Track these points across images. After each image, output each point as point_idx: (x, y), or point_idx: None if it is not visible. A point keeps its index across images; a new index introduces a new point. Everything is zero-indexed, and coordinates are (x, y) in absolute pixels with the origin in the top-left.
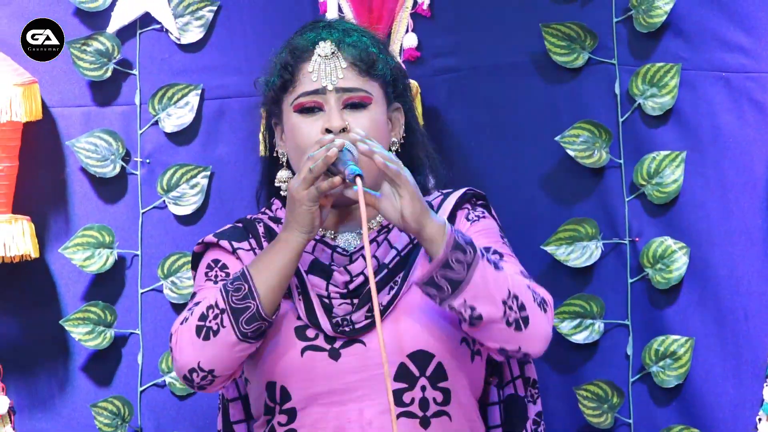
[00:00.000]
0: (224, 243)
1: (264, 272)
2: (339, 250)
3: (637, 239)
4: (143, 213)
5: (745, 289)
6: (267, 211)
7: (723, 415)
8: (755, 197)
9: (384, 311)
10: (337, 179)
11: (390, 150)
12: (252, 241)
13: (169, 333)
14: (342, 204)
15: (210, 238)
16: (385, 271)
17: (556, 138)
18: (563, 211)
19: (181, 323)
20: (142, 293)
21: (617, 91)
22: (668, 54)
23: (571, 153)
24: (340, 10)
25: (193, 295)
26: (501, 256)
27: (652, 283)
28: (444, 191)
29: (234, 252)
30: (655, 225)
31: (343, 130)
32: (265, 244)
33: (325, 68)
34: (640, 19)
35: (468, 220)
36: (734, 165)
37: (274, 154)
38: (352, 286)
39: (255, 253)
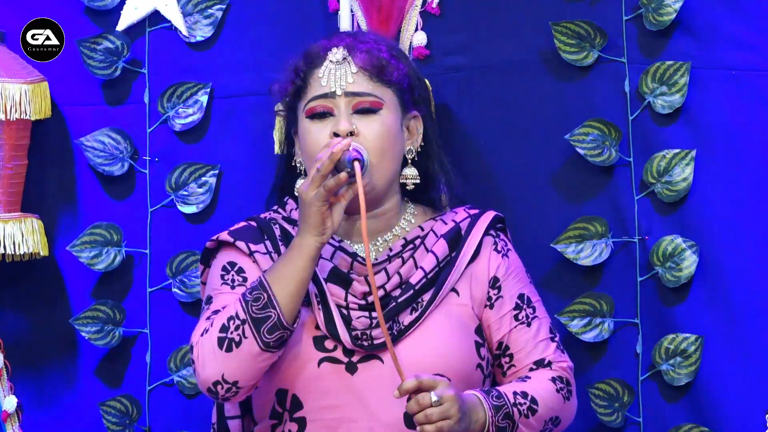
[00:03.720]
0: (241, 244)
1: (281, 280)
2: (359, 259)
3: (646, 237)
4: (152, 211)
5: (755, 287)
6: (281, 210)
7: (733, 413)
8: (765, 195)
9: (405, 330)
10: (343, 175)
11: (405, 158)
12: (268, 243)
13: (176, 332)
14: (356, 212)
15: (225, 236)
16: (411, 291)
17: (566, 136)
18: (573, 209)
19: (202, 335)
20: (150, 292)
21: (627, 89)
22: (678, 52)
23: (581, 151)
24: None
25: (209, 299)
26: (534, 310)
27: (662, 281)
28: (471, 211)
29: (251, 254)
30: (664, 223)
31: (351, 134)
32: (281, 246)
33: (335, 73)
34: (649, 17)
35: (498, 252)
36: (744, 163)
37: (293, 163)
38: (371, 299)
39: (271, 257)
